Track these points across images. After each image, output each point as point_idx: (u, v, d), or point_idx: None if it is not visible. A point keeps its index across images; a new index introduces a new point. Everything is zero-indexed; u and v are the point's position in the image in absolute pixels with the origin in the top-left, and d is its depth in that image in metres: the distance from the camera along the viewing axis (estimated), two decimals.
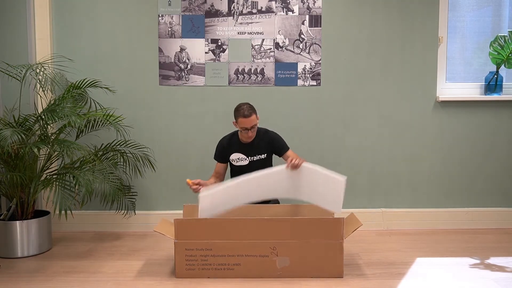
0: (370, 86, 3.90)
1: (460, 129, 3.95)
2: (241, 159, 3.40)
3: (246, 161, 3.40)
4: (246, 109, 3.27)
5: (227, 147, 3.42)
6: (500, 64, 3.86)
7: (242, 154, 3.40)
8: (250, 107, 3.30)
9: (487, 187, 3.99)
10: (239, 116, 3.27)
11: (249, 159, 3.40)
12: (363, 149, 3.95)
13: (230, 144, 3.43)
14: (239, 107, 3.31)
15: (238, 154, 3.41)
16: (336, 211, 3.07)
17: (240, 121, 3.28)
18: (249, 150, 3.40)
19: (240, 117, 3.27)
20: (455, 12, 3.96)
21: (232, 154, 3.41)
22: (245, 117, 3.25)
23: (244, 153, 3.40)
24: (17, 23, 3.77)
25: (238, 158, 3.41)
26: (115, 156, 3.71)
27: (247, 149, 3.40)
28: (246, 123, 3.26)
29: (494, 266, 3.13)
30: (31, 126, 3.40)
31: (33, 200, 3.43)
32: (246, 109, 3.27)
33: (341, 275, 2.89)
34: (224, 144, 3.44)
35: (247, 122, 3.26)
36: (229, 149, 3.42)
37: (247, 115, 3.25)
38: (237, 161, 3.40)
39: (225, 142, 3.44)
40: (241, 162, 3.40)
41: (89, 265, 3.16)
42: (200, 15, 3.83)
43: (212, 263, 2.88)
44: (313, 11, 3.83)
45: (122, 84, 3.87)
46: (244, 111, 3.26)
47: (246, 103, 3.33)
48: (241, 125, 3.28)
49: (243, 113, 3.26)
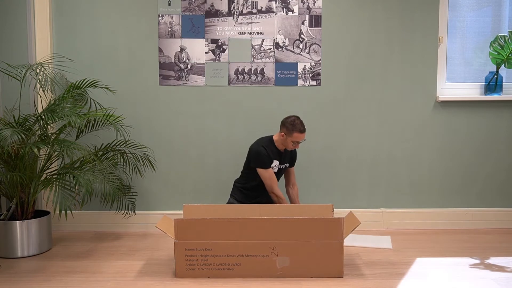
0: (370, 86, 3.90)
1: (460, 129, 3.95)
2: (275, 166, 3.54)
3: (276, 168, 3.55)
4: (301, 124, 3.44)
5: (271, 154, 3.51)
6: (500, 64, 3.86)
7: (277, 162, 3.54)
8: (302, 121, 3.47)
9: (487, 187, 3.99)
10: (294, 131, 3.42)
11: (279, 166, 3.56)
12: (363, 149, 3.95)
13: (271, 151, 3.52)
14: (294, 122, 3.44)
15: (276, 162, 3.54)
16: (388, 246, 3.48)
17: (295, 136, 3.43)
18: (283, 158, 3.57)
19: (296, 132, 3.42)
20: (455, 12, 3.96)
21: (274, 161, 3.53)
22: (301, 133, 3.43)
23: (279, 160, 3.55)
24: (17, 23, 3.77)
25: (275, 165, 3.54)
26: (115, 156, 3.71)
27: (282, 157, 3.56)
28: (301, 137, 3.45)
29: (494, 266, 3.13)
30: (31, 126, 3.40)
31: (33, 200, 3.42)
32: (302, 125, 3.44)
33: (341, 275, 2.89)
34: (269, 153, 3.51)
35: (302, 137, 3.45)
36: (272, 157, 3.52)
37: (303, 130, 3.44)
38: (273, 168, 3.52)
39: (268, 150, 3.51)
40: (274, 170, 3.54)
41: (89, 265, 3.16)
42: (200, 15, 3.83)
43: (212, 263, 2.88)
44: (313, 11, 3.83)
45: (122, 84, 3.87)
46: (301, 127, 3.43)
47: (297, 117, 3.47)
48: (296, 139, 3.44)
49: (299, 128, 3.42)
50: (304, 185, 3.89)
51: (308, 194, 3.90)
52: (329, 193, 3.96)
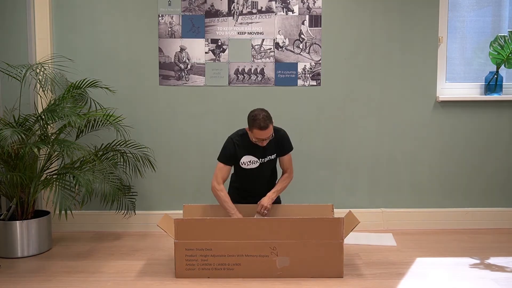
0: (370, 86, 3.90)
1: (460, 129, 3.95)
2: (252, 162, 3.21)
3: (257, 163, 3.23)
4: (262, 120, 3.01)
5: (238, 148, 3.19)
6: (500, 64, 3.86)
7: (253, 157, 3.21)
8: (267, 117, 3.05)
9: (487, 187, 3.99)
10: (254, 127, 3.04)
11: (260, 161, 3.23)
12: (363, 149, 3.95)
13: (240, 145, 3.20)
14: (255, 117, 3.04)
15: (250, 157, 3.21)
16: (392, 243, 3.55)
17: (255, 132, 3.05)
18: (261, 152, 3.21)
19: (255, 129, 3.03)
20: (455, 12, 3.96)
21: (244, 156, 3.20)
22: (261, 129, 3.03)
23: (256, 155, 3.22)
24: (17, 23, 3.77)
25: (250, 161, 3.21)
26: (115, 156, 3.71)
27: (259, 151, 3.21)
28: (262, 135, 3.05)
29: (494, 266, 3.13)
30: (31, 126, 3.40)
31: (33, 200, 3.43)
32: (263, 120, 3.01)
33: (341, 275, 2.89)
34: (236, 145, 3.19)
35: (263, 134, 3.05)
36: (240, 152, 3.20)
37: (264, 127, 3.02)
38: (248, 164, 3.21)
39: (237, 142, 3.19)
40: (252, 165, 3.22)
41: (89, 265, 3.16)
42: (200, 15, 3.83)
43: (212, 263, 2.88)
44: (313, 11, 3.83)
45: (122, 84, 3.86)
46: (260, 123, 3.01)
47: (263, 111, 3.07)
48: (256, 136, 3.07)
49: (259, 124, 3.01)
50: (304, 185, 3.89)
51: (308, 194, 3.90)
52: (329, 193, 3.95)
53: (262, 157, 3.25)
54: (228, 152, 3.21)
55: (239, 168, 3.28)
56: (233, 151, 3.21)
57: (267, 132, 3.06)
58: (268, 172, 3.35)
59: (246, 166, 3.25)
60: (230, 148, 3.21)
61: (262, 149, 3.22)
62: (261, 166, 3.26)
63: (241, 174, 3.32)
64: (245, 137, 3.22)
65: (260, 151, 3.23)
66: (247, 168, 3.26)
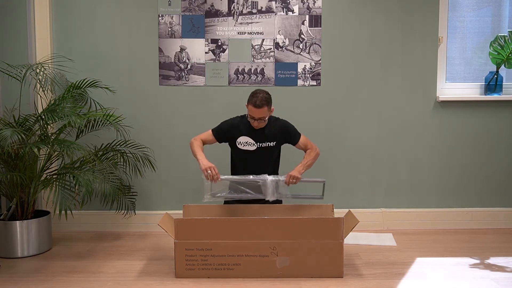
0: (370, 86, 3.90)
1: (460, 129, 3.95)
2: (249, 143, 3.26)
3: (253, 146, 3.27)
4: (259, 99, 3.11)
5: (236, 127, 3.27)
6: (500, 64, 3.86)
7: (250, 139, 3.26)
8: (265, 98, 3.14)
9: (487, 187, 3.99)
10: (249, 103, 3.14)
11: (257, 144, 3.27)
12: (363, 149, 3.95)
13: (240, 125, 3.27)
14: (254, 94, 3.15)
15: (247, 138, 3.26)
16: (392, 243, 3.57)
17: (249, 109, 3.16)
18: (259, 135, 3.27)
19: (250, 105, 3.14)
20: (455, 12, 3.96)
21: (241, 137, 3.27)
22: (254, 107, 3.12)
23: (253, 137, 3.27)
24: (17, 23, 3.77)
25: (246, 142, 3.27)
26: (115, 156, 3.71)
27: (258, 134, 3.27)
28: (255, 113, 3.14)
29: (494, 266, 3.13)
30: (31, 126, 3.40)
31: (33, 200, 3.43)
32: (259, 99, 3.11)
33: (341, 275, 2.89)
34: (234, 123, 3.27)
35: (256, 113, 3.14)
36: (238, 130, 3.28)
37: (258, 105, 3.11)
38: (244, 145, 3.26)
39: (236, 121, 3.28)
40: (248, 147, 3.27)
41: (89, 265, 3.16)
42: (200, 15, 3.83)
43: (212, 263, 2.88)
44: (313, 11, 3.83)
45: (122, 84, 3.87)
46: (256, 101, 3.11)
47: (264, 93, 3.17)
48: (249, 112, 3.18)
49: (254, 102, 3.11)
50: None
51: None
52: (329, 193, 3.94)
53: (259, 142, 3.28)
54: (223, 128, 3.30)
55: (236, 149, 3.31)
56: (227, 130, 3.29)
57: (260, 112, 3.13)
58: (266, 161, 3.34)
59: (242, 147, 3.29)
60: (227, 126, 3.29)
61: (260, 134, 3.27)
62: (258, 150, 3.28)
63: (239, 155, 3.32)
64: (246, 118, 3.29)
65: (259, 135, 3.27)
66: (244, 150, 3.28)
